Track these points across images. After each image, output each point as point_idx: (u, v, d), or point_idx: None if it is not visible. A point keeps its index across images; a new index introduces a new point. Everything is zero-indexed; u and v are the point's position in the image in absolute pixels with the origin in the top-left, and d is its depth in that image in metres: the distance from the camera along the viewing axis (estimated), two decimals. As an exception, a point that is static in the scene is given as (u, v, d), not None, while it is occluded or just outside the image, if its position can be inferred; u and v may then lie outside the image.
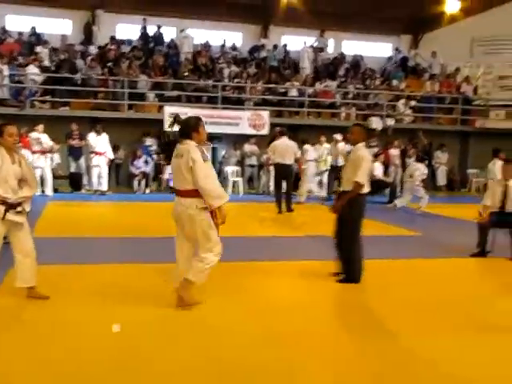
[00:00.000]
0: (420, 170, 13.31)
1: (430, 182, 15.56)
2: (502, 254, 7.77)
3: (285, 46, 20.56)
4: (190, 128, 5.14)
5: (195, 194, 4.94)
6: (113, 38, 18.50)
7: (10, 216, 5.05)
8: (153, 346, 4.27)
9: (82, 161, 14.70)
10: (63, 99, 15.75)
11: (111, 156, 14.41)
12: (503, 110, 19.61)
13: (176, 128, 5.23)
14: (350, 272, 6.21)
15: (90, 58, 16.91)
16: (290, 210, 11.97)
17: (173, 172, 5.24)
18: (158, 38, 19.14)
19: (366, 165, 6.09)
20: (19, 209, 5.12)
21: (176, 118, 5.26)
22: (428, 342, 4.52)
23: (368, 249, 6.22)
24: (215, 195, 4.94)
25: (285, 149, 11.93)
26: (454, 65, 20.95)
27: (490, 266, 7.63)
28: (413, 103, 18.72)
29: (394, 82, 20.00)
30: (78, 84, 16.21)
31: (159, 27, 19.18)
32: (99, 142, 14.03)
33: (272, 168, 13.32)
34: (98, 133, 14.04)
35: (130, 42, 18.96)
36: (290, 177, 12.18)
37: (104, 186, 14.20)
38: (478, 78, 20.82)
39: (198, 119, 5.33)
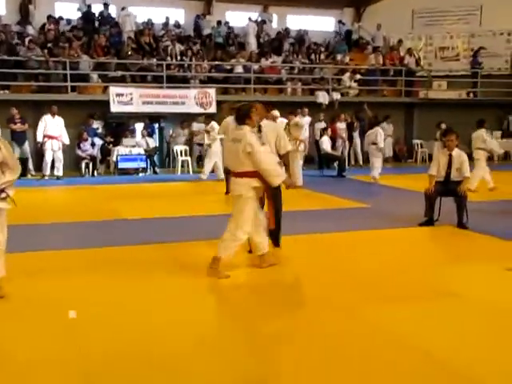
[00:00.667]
0: (380, 132, 13.30)
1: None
2: (448, 221, 8.03)
3: (227, 23, 20.31)
4: (244, 114, 5.57)
5: (251, 175, 5.50)
6: (50, 17, 17.84)
7: None
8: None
9: (27, 145, 14.31)
10: (2, 82, 15.22)
11: (66, 141, 14.08)
12: (445, 80, 20.08)
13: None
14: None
15: (28, 38, 16.34)
16: None
17: (228, 155, 5.88)
18: (105, 17, 18.55)
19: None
20: (3, 195, 4.91)
21: (230, 105, 5.78)
22: (383, 313, 4.64)
23: (316, 222, 6.31)
24: (276, 174, 5.53)
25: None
26: (396, 37, 21.26)
27: (437, 234, 7.86)
28: (358, 76, 18.93)
29: (339, 56, 20.16)
30: (17, 66, 15.65)
31: (106, 5, 18.55)
32: (53, 124, 13.71)
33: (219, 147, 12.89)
34: (53, 115, 13.72)
35: (69, 21, 18.37)
36: None
37: (60, 171, 13.89)
38: (420, 50, 21.22)
39: (250, 106, 5.70)
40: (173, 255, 6.55)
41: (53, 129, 13.74)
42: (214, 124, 13.39)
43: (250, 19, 20.06)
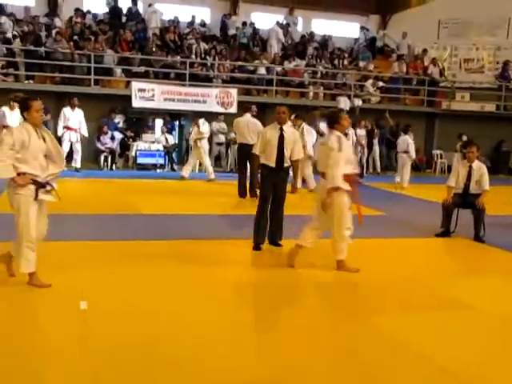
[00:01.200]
0: (410, 142, 13.62)
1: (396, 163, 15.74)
2: (465, 233, 7.97)
3: (252, 23, 20.32)
4: (333, 120, 5.96)
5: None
6: (78, 10, 17.93)
7: (42, 195, 4.89)
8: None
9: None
10: (27, 72, 15.40)
11: (85, 133, 14.15)
12: (468, 92, 19.92)
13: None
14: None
15: (55, 30, 16.49)
16: (253, 195, 10.63)
17: (319, 156, 6.33)
18: (132, 12, 18.66)
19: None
20: (48, 187, 4.94)
21: (319, 110, 6.16)
22: (394, 322, 4.63)
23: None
24: (334, 180, 5.73)
25: (246, 126, 11.06)
26: (421, 46, 21.14)
27: (453, 245, 7.80)
28: (380, 84, 18.86)
29: (361, 63, 20.11)
30: (43, 57, 15.82)
31: (134, 1, 18.63)
32: (73, 117, 13.80)
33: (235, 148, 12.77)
34: (73, 107, 13.81)
35: (95, 15, 18.52)
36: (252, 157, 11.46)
37: (78, 163, 14.00)
38: (445, 60, 21.07)
39: (339, 113, 6.30)
40: (186, 251, 6.58)
41: (72, 121, 13.81)
42: (202, 121, 13.44)
43: (277, 23, 20.07)
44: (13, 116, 12.62)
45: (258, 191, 8.42)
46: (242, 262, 6.35)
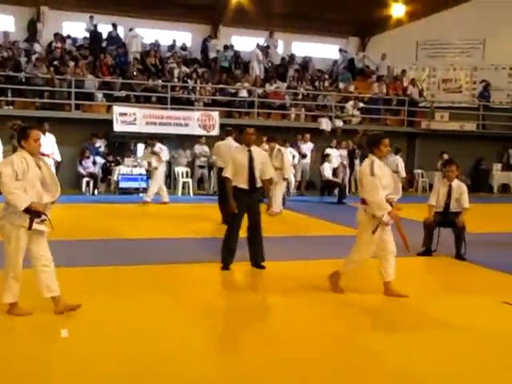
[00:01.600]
0: (400, 161, 13.71)
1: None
2: (446, 252, 8.00)
3: (232, 46, 20.46)
4: (372, 144, 5.81)
5: (364, 201, 5.74)
6: (57, 34, 17.93)
7: (36, 225, 4.79)
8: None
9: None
10: (7, 98, 15.35)
11: (58, 158, 14.02)
12: (447, 111, 20.20)
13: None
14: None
15: (35, 56, 16.50)
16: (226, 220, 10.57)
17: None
18: (113, 37, 18.72)
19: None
20: (43, 217, 4.85)
21: (364, 133, 6.02)
22: (378, 340, 4.62)
23: (316, 249, 6.31)
24: (376, 207, 5.59)
25: (228, 151, 10.25)
26: (400, 67, 21.45)
27: (435, 264, 7.83)
28: (361, 105, 19.06)
29: (342, 84, 20.34)
30: (23, 83, 15.79)
31: (114, 26, 18.75)
32: (45, 142, 13.63)
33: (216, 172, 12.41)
34: (44, 133, 13.65)
35: (75, 39, 18.55)
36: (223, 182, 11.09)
37: None
38: (423, 81, 21.38)
39: (380, 137, 5.90)
40: (168, 276, 6.53)
41: (45, 146, 13.52)
42: (160, 146, 13.39)
43: (257, 45, 20.27)
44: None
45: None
46: (218, 283, 6.32)
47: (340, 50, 22.45)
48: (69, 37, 18.52)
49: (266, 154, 7.33)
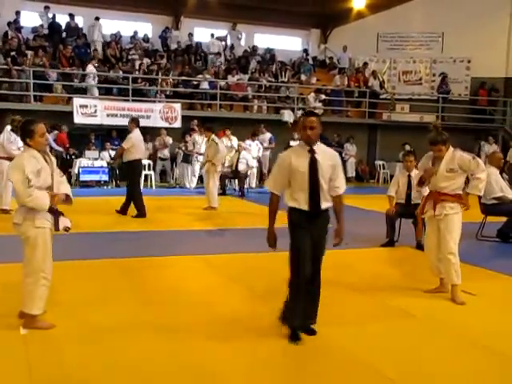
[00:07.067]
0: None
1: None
2: (408, 242, 8.14)
3: (190, 34, 20.40)
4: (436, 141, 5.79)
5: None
6: (10, 24, 17.30)
7: (62, 224, 4.56)
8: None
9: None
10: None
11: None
12: (407, 103, 20.51)
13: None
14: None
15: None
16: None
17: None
18: (72, 27, 18.28)
19: None
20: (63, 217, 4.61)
21: (436, 127, 5.98)
22: (342, 331, 4.68)
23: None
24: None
25: (141, 142, 10.71)
26: (361, 59, 21.66)
27: (397, 255, 7.93)
28: (322, 97, 19.17)
29: (303, 76, 20.42)
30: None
31: (72, 16, 18.36)
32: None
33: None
34: None
35: (34, 29, 18.07)
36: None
37: None
38: (384, 73, 21.64)
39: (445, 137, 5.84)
40: (128, 270, 6.48)
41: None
42: None
43: (212, 36, 20.23)
44: None
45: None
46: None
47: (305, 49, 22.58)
48: (22, 27, 17.82)
49: (335, 155, 4.77)
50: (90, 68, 16.43)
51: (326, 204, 4.68)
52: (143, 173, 15.14)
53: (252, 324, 4.84)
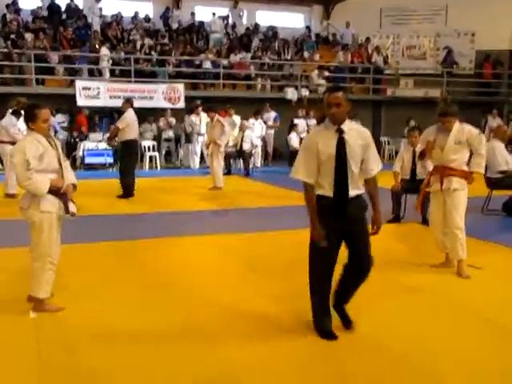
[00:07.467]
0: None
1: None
2: (413, 218, 8.13)
3: (193, 13, 20.21)
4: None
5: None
6: (9, 6, 17.05)
7: (72, 208, 4.56)
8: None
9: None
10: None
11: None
12: (411, 78, 20.33)
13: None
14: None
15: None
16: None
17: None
18: (72, 9, 18.10)
19: None
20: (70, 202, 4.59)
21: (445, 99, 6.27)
22: (354, 309, 4.69)
23: (278, 219, 6.27)
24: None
25: (135, 122, 10.59)
26: (364, 35, 21.44)
27: (404, 230, 7.94)
28: (326, 74, 19.03)
29: (306, 53, 20.26)
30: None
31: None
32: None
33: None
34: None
35: (33, 11, 17.89)
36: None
37: None
38: (388, 48, 21.44)
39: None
40: (135, 251, 6.52)
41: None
42: None
43: (213, 14, 20.05)
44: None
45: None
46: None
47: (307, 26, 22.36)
48: (20, 9, 17.64)
49: (366, 133, 4.28)
50: (105, 51, 16.34)
51: (355, 191, 4.08)
52: (148, 154, 15.22)
53: (255, 302, 4.87)
